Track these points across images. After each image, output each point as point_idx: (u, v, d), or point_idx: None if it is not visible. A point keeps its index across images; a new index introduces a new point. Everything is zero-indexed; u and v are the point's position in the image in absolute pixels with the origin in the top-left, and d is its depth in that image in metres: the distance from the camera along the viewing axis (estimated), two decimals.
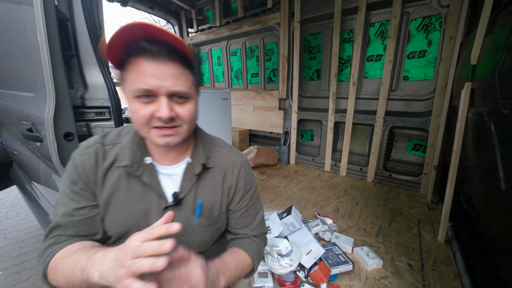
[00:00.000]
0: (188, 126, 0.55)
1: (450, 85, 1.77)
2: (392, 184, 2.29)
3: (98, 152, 0.59)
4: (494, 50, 0.97)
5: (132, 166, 0.57)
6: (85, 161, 0.58)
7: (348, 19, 2.40)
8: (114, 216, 0.59)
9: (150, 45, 0.46)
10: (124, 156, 0.58)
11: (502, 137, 0.79)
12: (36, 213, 1.50)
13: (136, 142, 0.60)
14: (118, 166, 0.58)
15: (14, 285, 1.56)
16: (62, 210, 0.57)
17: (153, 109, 0.49)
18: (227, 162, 0.68)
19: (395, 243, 1.38)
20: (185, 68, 0.50)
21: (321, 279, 1.00)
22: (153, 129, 0.52)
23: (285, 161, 3.02)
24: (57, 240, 0.56)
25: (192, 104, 0.54)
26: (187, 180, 0.62)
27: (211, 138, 0.72)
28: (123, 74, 0.50)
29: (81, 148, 0.60)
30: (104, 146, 0.60)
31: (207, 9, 3.58)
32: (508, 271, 0.69)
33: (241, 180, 0.68)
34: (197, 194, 0.64)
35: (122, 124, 1.18)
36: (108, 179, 0.59)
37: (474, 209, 1.06)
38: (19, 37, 1.02)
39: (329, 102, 2.58)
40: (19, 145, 1.49)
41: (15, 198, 2.79)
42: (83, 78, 1.08)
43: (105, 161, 0.59)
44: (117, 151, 0.60)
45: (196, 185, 0.64)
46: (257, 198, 0.75)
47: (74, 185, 0.57)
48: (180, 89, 0.49)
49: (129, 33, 0.45)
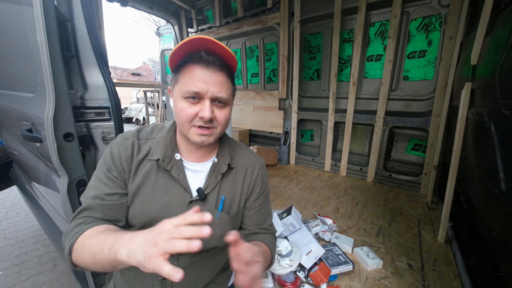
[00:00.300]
0: (222, 129, 0.63)
1: (450, 85, 1.77)
2: (392, 184, 2.29)
3: (134, 145, 0.64)
4: (494, 50, 0.97)
5: (163, 160, 0.63)
6: (121, 152, 0.63)
7: (348, 19, 2.40)
8: (140, 205, 0.63)
9: (207, 55, 0.54)
10: (156, 151, 0.64)
11: (502, 137, 0.79)
12: (36, 213, 1.50)
13: (168, 139, 0.66)
14: (150, 159, 0.64)
15: (14, 285, 1.56)
16: (94, 193, 0.62)
17: (198, 109, 0.57)
18: (248, 163, 0.75)
19: (395, 243, 1.38)
20: (228, 79, 0.59)
21: (321, 280, 1.00)
22: (194, 127, 0.59)
23: (285, 161, 3.02)
24: (86, 221, 0.60)
25: (228, 110, 0.62)
26: (212, 178, 0.68)
27: (234, 141, 0.79)
28: (176, 77, 0.58)
29: (119, 139, 0.65)
30: (139, 140, 0.66)
31: (207, 9, 3.58)
32: (508, 271, 0.69)
33: (259, 180, 0.76)
34: (220, 191, 0.69)
35: (122, 124, 1.18)
36: (140, 170, 0.64)
37: (474, 209, 1.06)
38: (19, 38, 1.02)
39: (329, 102, 2.58)
40: (19, 145, 1.49)
41: (15, 198, 2.79)
42: (83, 78, 1.08)
43: (139, 153, 0.65)
44: (150, 145, 0.66)
45: (220, 182, 0.70)
46: (268, 201, 0.82)
47: (109, 172, 0.63)
48: (222, 95, 0.57)
49: (192, 44, 0.53)
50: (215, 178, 0.68)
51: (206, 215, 0.42)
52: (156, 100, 7.54)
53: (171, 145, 0.66)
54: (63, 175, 0.98)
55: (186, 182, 0.65)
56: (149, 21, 19.54)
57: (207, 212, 0.49)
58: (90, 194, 0.63)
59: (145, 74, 22.52)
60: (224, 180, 0.70)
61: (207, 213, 0.43)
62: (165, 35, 4.50)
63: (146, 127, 0.71)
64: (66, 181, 0.98)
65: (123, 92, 17.78)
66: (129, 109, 11.35)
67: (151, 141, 0.67)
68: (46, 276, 1.65)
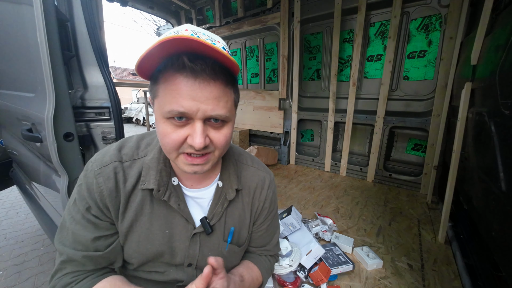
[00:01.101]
0: (220, 152, 0.49)
1: (450, 85, 1.77)
2: (392, 184, 2.29)
3: (117, 172, 0.50)
4: (494, 50, 0.97)
5: (159, 190, 0.51)
6: (101, 184, 0.48)
7: (348, 19, 2.40)
8: (137, 244, 0.53)
9: (192, 61, 0.38)
10: (149, 178, 0.51)
11: (502, 137, 0.79)
12: (36, 213, 1.50)
13: (162, 161, 0.53)
14: (142, 188, 0.51)
15: (14, 285, 1.56)
16: (72, 238, 0.49)
17: (186, 133, 0.43)
18: (256, 183, 0.63)
19: (395, 243, 1.38)
20: (228, 87, 0.44)
21: (321, 280, 1.00)
22: (183, 154, 0.45)
23: (285, 161, 3.02)
24: (76, 279, 0.49)
25: (229, 128, 0.47)
26: (218, 206, 0.57)
27: (238, 153, 0.66)
28: (154, 87, 0.43)
29: (95, 166, 0.50)
30: (123, 163, 0.51)
31: (207, 9, 3.58)
32: (508, 271, 0.69)
33: (267, 201, 0.65)
34: (227, 218, 0.59)
35: (122, 124, 1.18)
36: (131, 204, 0.51)
37: (474, 209, 1.06)
38: (19, 37, 1.02)
39: (329, 102, 2.58)
40: (19, 145, 1.49)
41: (15, 198, 2.80)
42: (83, 78, 1.08)
43: (126, 182, 0.51)
44: (139, 168, 0.52)
45: (226, 209, 0.59)
46: (276, 217, 0.72)
47: (87, 212, 0.49)
48: (218, 113, 0.42)
49: (169, 46, 0.37)
50: (221, 207, 0.57)
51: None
52: None
53: (166, 168, 0.53)
54: (63, 175, 0.98)
55: (187, 212, 0.55)
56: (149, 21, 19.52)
57: (218, 258, 0.46)
58: (68, 240, 0.50)
59: None
60: (231, 206, 0.59)
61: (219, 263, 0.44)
62: None
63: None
64: (66, 181, 0.98)
65: (123, 92, 17.78)
66: (129, 109, 11.35)
67: (139, 162, 0.53)
68: (46, 276, 1.65)
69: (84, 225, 0.50)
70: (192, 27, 0.41)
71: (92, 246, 0.50)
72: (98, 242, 0.50)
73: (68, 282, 0.48)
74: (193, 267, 0.58)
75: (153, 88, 0.43)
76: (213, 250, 0.58)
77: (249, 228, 0.64)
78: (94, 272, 0.52)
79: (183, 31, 0.40)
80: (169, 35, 0.37)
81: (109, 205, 0.49)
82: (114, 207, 0.50)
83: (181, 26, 0.41)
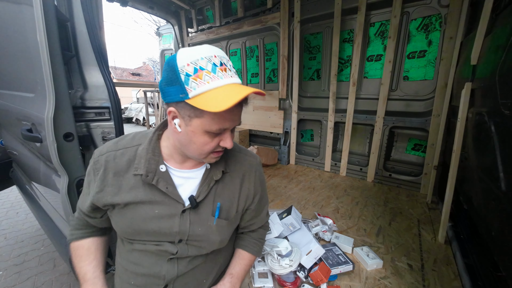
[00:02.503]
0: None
1: (450, 85, 1.77)
2: (392, 184, 2.29)
3: (109, 160, 0.63)
4: (494, 50, 0.97)
5: (147, 175, 0.61)
6: (98, 169, 0.64)
7: (348, 19, 2.40)
8: (130, 221, 0.63)
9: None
10: (140, 165, 0.62)
11: (502, 137, 0.79)
12: (36, 213, 1.50)
13: (150, 151, 0.63)
14: (134, 174, 0.62)
15: (14, 285, 1.56)
16: (81, 201, 0.71)
17: (219, 140, 0.58)
18: (245, 167, 0.74)
19: (395, 243, 1.38)
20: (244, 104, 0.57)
21: (321, 280, 1.00)
22: (212, 153, 0.60)
23: (285, 161, 3.02)
24: (76, 227, 0.73)
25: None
26: (205, 185, 0.66)
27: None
28: (197, 111, 0.52)
29: (95, 155, 0.65)
30: (116, 152, 0.65)
31: (207, 9, 3.58)
32: (508, 271, 0.69)
33: (257, 183, 0.76)
34: (216, 197, 0.68)
35: (122, 124, 1.18)
36: (125, 185, 0.63)
37: (474, 209, 1.06)
38: (19, 38, 1.02)
39: (329, 102, 2.58)
40: (19, 145, 1.49)
41: (15, 198, 2.80)
42: (83, 78, 1.08)
43: (118, 166, 0.63)
44: (130, 155, 0.64)
45: (215, 188, 0.68)
46: (265, 193, 0.83)
47: (88, 186, 0.67)
48: (239, 122, 0.59)
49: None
50: (208, 185, 0.66)
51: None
52: (156, 100, 7.54)
53: (154, 158, 0.63)
54: (63, 175, 0.98)
55: (176, 193, 0.64)
56: (149, 21, 19.53)
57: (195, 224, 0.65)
58: (79, 202, 0.71)
59: (145, 74, 22.51)
60: (220, 186, 0.69)
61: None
62: (165, 35, 4.51)
63: (127, 136, 0.70)
64: (66, 181, 0.98)
65: (123, 92, 17.79)
66: (129, 109, 11.35)
67: (132, 149, 0.65)
68: (46, 276, 1.65)
69: (87, 194, 0.67)
70: (219, 52, 0.53)
71: (89, 211, 0.68)
72: (94, 211, 0.68)
73: (74, 225, 0.74)
74: (183, 243, 0.66)
75: (195, 111, 0.52)
76: (203, 225, 0.66)
77: (238, 206, 0.72)
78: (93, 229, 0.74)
79: (213, 58, 0.51)
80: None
81: (101, 184, 0.63)
82: (99, 187, 0.63)
83: (206, 50, 0.52)
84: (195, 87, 0.49)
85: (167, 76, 0.52)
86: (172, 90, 0.52)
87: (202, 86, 0.49)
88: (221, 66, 0.52)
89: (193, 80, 0.49)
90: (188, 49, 0.52)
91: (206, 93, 0.50)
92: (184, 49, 0.52)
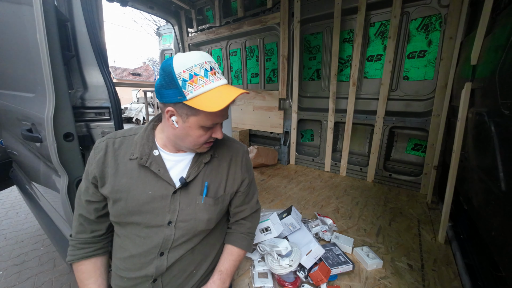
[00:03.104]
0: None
1: (450, 85, 1.77)
2: (392, 184, 2.29)
3: (108, 146, 0.70)
4: (494, 50, 0.97)
5: (141, 158, 0.68)
6: (96, 154, 0.70)
7: (348, 19, 2.40)
8: (125, 202, 0.68)
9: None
10: (135, 150, 0.70)
11: (502, 137, 0.79)
12: (36, 213, 1.50)
13: (145, 137, 0.71)
14: (130, 158, 0.69)
15: (14, 285, 1.56)
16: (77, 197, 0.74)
17: (211, 132, 0.68)
18: (231, 152, 0.82)
19: (395, 243, 1.38)
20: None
21: (321, 280, 1.00)
22: (205, 144, 0.70)
23: (285, 161, 3.02)
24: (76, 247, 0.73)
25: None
26: (195, 167, 0.74)
27: None
28: (193, 110, 0.60)
29: (97, 143, 0.72)
30: (115, 139, 0.72)
31: (207, 9, 3.58)
32: (508, 271, 0.69)
33: (244, 168, 0.84)
34: (204, 177, 0.76)
35: (122, 124, 1.19)
36: (121, 169, 0.69)
37: (474, 209, 1.06)
38: (19, 38, 1.02)
39: (329, 102, 2.58)
40: (19, 145, 1.49)
41: (15, 198, 2.80)
42: (83, 78, 1.08)
43: (117, 151, 0.70)
44: (128, 143, 0.72)
45: (204, 170, 0.76)
46: (254, 180, 0.92)
47: (86, 177, 0.71)
48: (227, 117, 0.68)
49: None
50: (198, 167, 0.74)
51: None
52: (156, 100, 7.54)
53: (148, 143, 0.71)
54: (63, 175, 0.98)
55: (168, 176, 0.70)
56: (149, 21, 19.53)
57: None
58: (80, 195, 0.74)
59: (145, 74, 22.51)
60: (208, 168, 0.77)
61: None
62: (165, 35, 4.50)
63: (125, 129, 0.79)
64: (66, 181, 0.98)
65: (123, 92, 17.78)
66: (129, 109, 11.34)
67: (129, 138, 0.73)
68: (46, 276, 1.65)
69: (85, 187, 0.72)
70: (208, 58, 0.62)
71: (88, 208, 0.72)
72: (90, 206, 0.71)
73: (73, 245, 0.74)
74: (172, 226, 0.70)
75: (192, 110, 0.60)
76: (191, 203, 0.73)
77: (226, 187, 0.79)
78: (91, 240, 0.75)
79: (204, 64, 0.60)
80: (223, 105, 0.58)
81: (96, 171, 0.68)
82: (100, 173, 0.68)
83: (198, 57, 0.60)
84: (191, 91, 0.58)
85: (165, 81, 0.59)
86: (169, 93, 0.59)
87: (198, 89, 0.58)
88: (211, 71, 0.61)
89: (189, 84, 0.58)
90: (182, 57, 0.59)
91: (201, 95, 0.59)
92: (178, 57, 0.59)
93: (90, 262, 0.74)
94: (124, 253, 0.71)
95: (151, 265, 0.69)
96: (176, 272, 0.72)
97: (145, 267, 0.69)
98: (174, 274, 0.72)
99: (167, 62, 0.59)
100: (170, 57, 0.60)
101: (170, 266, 0.70)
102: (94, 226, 0.74)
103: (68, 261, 0.72)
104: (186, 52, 0.63)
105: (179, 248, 0.72)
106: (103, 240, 0.77)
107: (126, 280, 0.71)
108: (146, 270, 0.69)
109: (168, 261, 0.70)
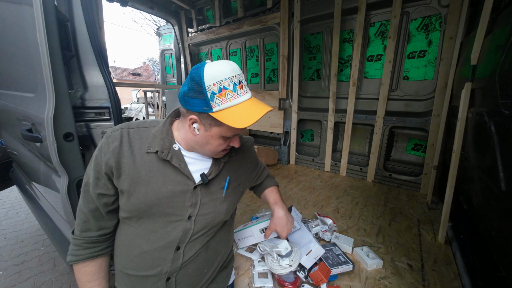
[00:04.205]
0: None
1: (450, 85, 1.77)
2: (392, 184, 2.29)
3: (123, 135, 0.67)
4: (494, 50, 0.97)
5: (162, 152, 0.67)
6: (110, 143, 0.66)
7: (348, 19, 2.40)
8: (144, 195, 0.65)
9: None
10: (154, 144, 0.68)
11: (502, 137, 0.79)
12: (36, 213, 1.50)
13: (165, 131, 0.70)
14: (149, 152, 0.67)
15: (14, 285, 1.56)
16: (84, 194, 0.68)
17: (229, 142, 0.69)
18: (243, 146, 0.87)
19: (395, 243, 1.38)
20: None
21: (321, 280, 1.00)
22: (223, 151, 0.72)
23: (285, 161, 3.02)
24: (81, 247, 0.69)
25: None
26: (216, 165, 0.76)
27: None
28: (216, 122, 0.61)
29: (109, 132, 0.68)
30: (129, 129, 0.69)
31: (207, 9, 3.58)
32: (508, 271, 0.69)
33: (254, 158, 0.97)
34: (225, 172, 0.79)
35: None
36: (138, 162, 0.66)
37: (474, 209, 1.06)
38: (19, 38, 1.02)
39: (329, 102, 2.58)
40: (19, 145, 1.49)
41: (15, 198, 2.80)
42: (83, 78, 1.08)
43: (131, 143, 0.67)
44: (142, 135, 0.69)
45: (223, 168, 0.79)
46: (259, 160, 1.07)
47: (96, 168, 0.66)
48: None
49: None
50: (219, 166, 0.76)
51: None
52: (156, 100, 7.54)
53: (168, 137, 0.69)
54: (63, 175, 0.98)
55: (187, 170, 0.70)
56: (149, 21, 19.51)
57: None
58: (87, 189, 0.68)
59: (145, 74, 22.52)
60: (226, 166, 0.80)
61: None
62: (165, 35, 4.50)
63: (141, 121, 0.76)
64: (66, 181, 0.98)
65: (123, 92, 17.78)
66: (129, 109, 11.33)
67: (144, 130, 0.70)
68: (46, 276, 1.65)
69: (95, 179, 0.66)
70: (237, 70, 0.62)
71: (99, 201, 0.66)
72: (100, 200, 0.66)
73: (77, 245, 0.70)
74: (192, 220, 0.70)
75: (217, 121, 0.61)
76: (213, 197, 0.74)
77: (241, 177, 0.86)
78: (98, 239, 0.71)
79: (234, 78, 0.60)
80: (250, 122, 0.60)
81: (112, 161, 0.63)
82: (116, 164, 0.64)
83: (228, 71, 0.60)
84: (219, 104, 0.59)
85: (192, 90, 0.59)
86: (196, 102, 0.60)
87: (225, 103, 0.59)
88: (239, 85, 0.61)
89: (218, 97, 0.58)
90: (213, 69, 0.58)
91: (228, 109, 0.60)
92: (209, 68, 0.58)
93: (95, 263, 0.70)
94: (134, 250, 0.68)
95: (165, 260, 0.67)
96: (190, 270, 0.71)
97: (159, 264, 0.67)
98: (188, 272, 0.71)
99: (197, 71, 0.58)
100: (200, 65, 0.60)
101: (185, 264, 0.69)
102: (102, 223, 0.70)
103: (70, 262, 0.68)
104: (216, 61, 0.61)
105: (196, 242, 0.71)
106: (109, 239, 0.73)
107: (134, 279, 0.68)
108: (160, 267, 0.67)
109: (184, 257, 0.69)
